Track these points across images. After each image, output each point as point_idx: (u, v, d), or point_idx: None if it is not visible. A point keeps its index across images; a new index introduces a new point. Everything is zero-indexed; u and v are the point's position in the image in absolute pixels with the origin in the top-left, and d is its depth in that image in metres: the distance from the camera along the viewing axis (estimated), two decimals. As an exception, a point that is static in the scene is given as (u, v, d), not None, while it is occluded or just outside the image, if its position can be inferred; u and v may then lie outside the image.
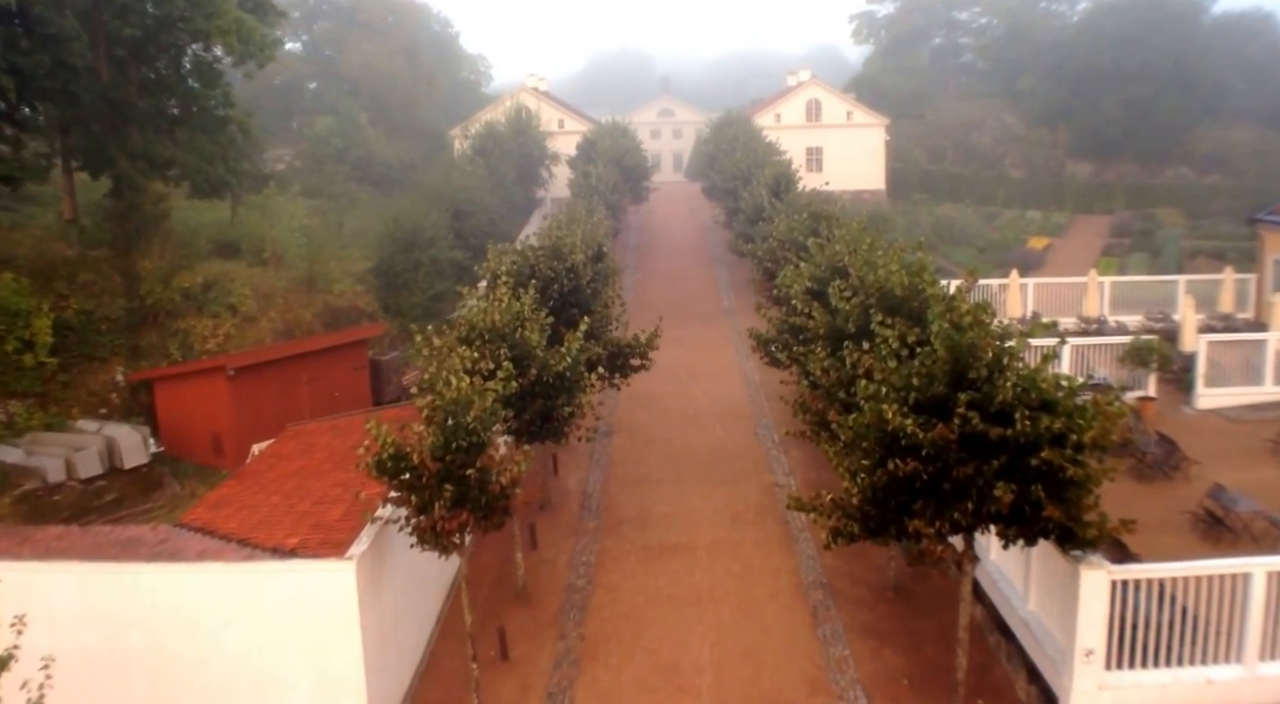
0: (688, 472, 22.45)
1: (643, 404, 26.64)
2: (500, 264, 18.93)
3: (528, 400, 15.65)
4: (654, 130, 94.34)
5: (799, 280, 19.09)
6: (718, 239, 48.80)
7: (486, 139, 48.02)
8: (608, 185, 40.57)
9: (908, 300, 15.46)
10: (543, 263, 18.87)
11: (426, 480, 12.60)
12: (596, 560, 18.46)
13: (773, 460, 23.15)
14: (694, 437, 24.73)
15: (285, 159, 50.41)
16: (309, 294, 30.32)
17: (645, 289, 42.30)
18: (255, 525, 15.46)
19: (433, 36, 76.86)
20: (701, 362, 31.59)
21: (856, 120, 63.49)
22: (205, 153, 28.32)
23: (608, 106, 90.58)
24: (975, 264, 47.79)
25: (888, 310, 15.36)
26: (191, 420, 23.87)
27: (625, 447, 24.28)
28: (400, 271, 32.44)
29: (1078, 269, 48.50)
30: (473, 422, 12.73)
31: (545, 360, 15.59)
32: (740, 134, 48.93)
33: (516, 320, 15.63)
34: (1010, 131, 74.50)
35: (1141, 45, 71.28)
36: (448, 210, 35.89)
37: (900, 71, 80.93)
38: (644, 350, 19.64)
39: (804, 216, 22.98)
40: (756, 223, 31.00)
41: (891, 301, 15.47)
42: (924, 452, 11.71)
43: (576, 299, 19.01)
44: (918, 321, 15.20)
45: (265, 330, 28.06)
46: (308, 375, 24.38)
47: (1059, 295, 34.64)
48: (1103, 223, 61.67)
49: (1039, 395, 11.73)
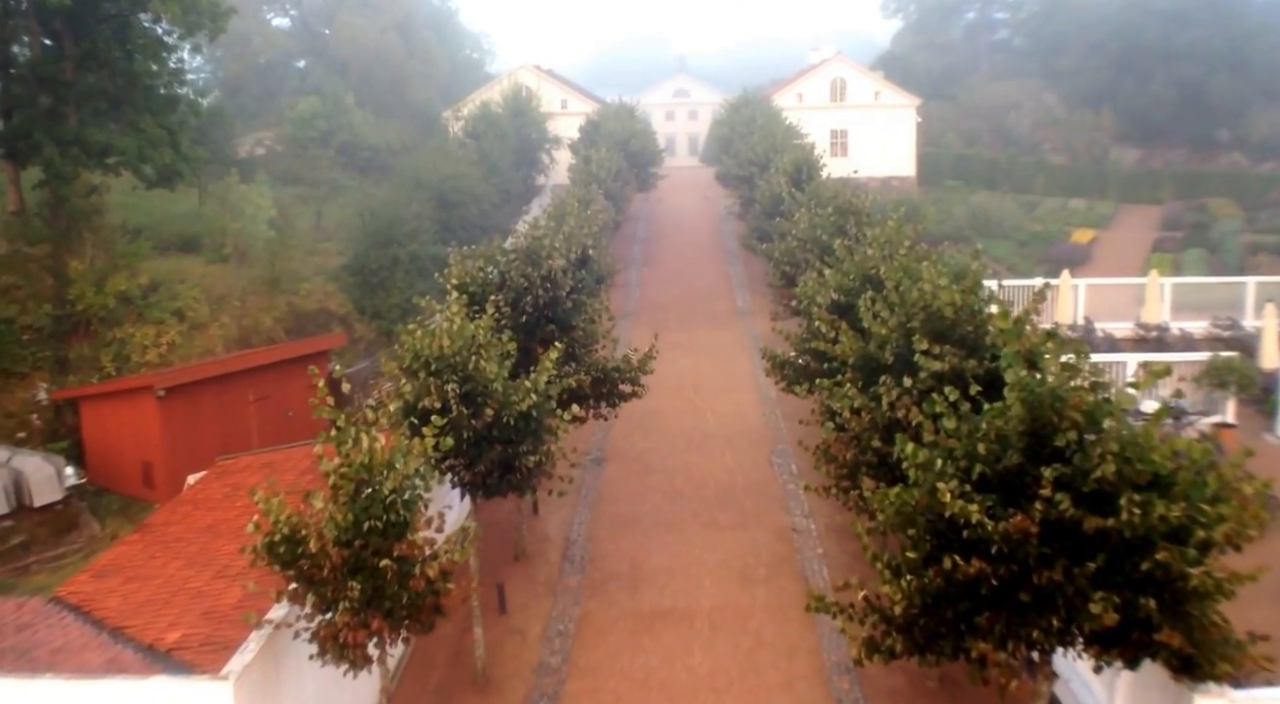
0: (690, 512, 19.22)
1: (642, 424, 23.42)
2: (464, 272, 15.73)
3: (483, 446, 12.45)
4: (668, 111, 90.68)
5: (823, 291, 15.78)
6: (732, 230, 45.39)
7: (480, 121, 44.57)
8: (610, 172, 37.12)
9: (960, 323, 12.16)
10: (514, 270, 15.64)
11: (329, 573, 9.49)
12: (576, 630, 15.31)
13: (789, 496, 19.87)
14: (699, 466, 21.46)
15: (265, 143, 47.22)
16: (271, 295, 27.20)
17: (651, 285, 38.99)
18: (139, 606, 12.40)
19: (431, 12, 73.31)
20: (710, 371, 28.27)
21: (885, 100, 59.49)
22: (151, 137, 25.14)
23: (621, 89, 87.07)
24: (1014, 259, 44.22)
25: (934, 335, 12.08)
26: (119, 447, 20.84)
27: (619, 478, 21.05)
28: (376, 269, 29.26)
29: (1127, 266, 44.79)
30: (390, 494, 9.58)
31: (505, 397, 12.37)
32: (758, 115, 45.24)
33: (470, 347, 12.41)
34: (1050, 114, 70.26)
35: (1192, 22, 66.82)
36: (432, 200, 32.67)
37: (931, 49, 76.78)
38: (635, 375, 16.36)
39: (829, 212, 19.60)
40: (774, 216, 27.54)
41: (939, 324, 12.17)
42: (994, 548, 8.57)
43: (554, 313, 15.78)
44: (972, 351, 11.97)
45: (216, 338, 24.96)
46: (255, 393, 21.30)
47: (1114, 298, 31.15)
48: (1151, 214, 57.63)
49: (1149, 469, 8.54)
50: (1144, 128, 68.79)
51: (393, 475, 9.58)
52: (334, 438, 9.73)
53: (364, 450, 9.56)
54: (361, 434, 9.61)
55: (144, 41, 25.40)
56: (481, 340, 12.69)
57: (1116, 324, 29.63)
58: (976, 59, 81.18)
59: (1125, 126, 69.32)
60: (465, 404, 12.09)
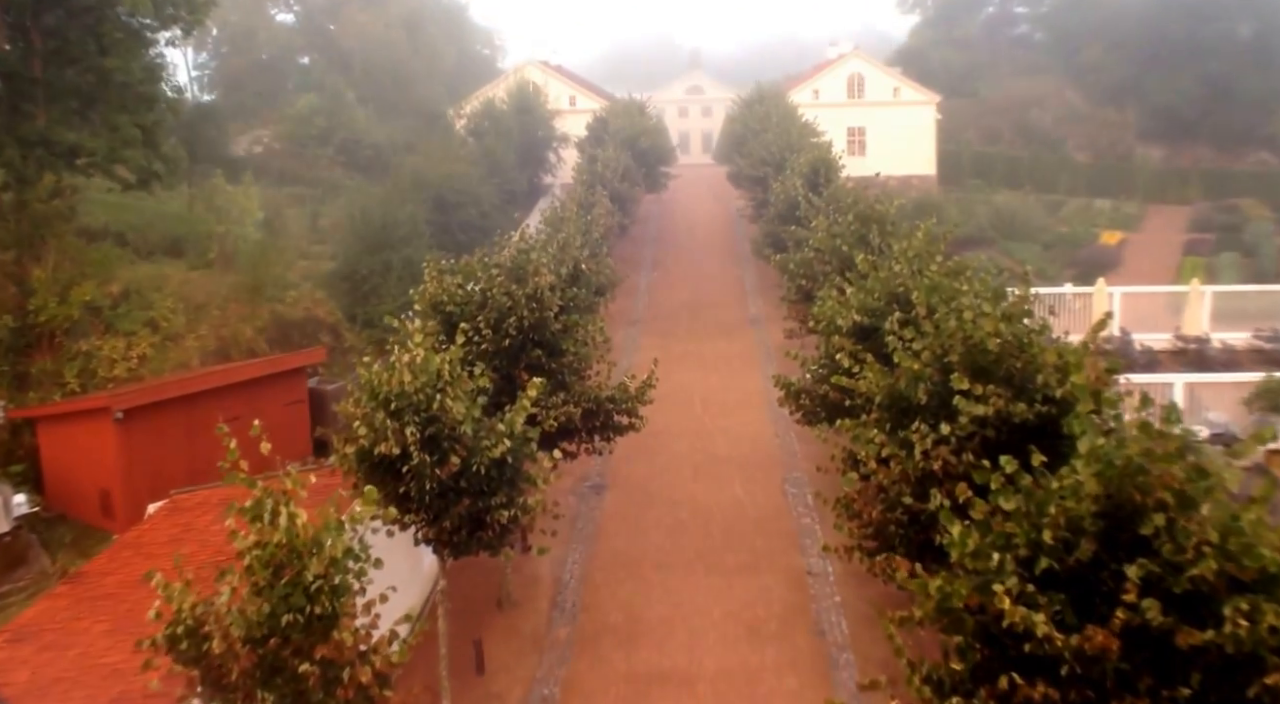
0: (695, 550, 17.44)
1: (645, 446, 21.57)
2: (440, 289, 13.98)
3: (449, 498, 10.70)
4: (682, 108, 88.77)
5: (843, 312, 13.96)
6: (745, 231, 43.51)
7: (483, 118, 42.83)
8: (616, 172, 35.28)
9: (1006, 357, 10.37)
10: (496, 288, 13.87)
11: (238, 678, 7.77)
12: (561, 697, 13.57)
13: (804, 532, 18.08)
14: (706, 496, 19.67)
15: (264, 141, 45.60)
16: (254, 303, 25.50)
17: (661, 290, 37.20)
18: (48, 684, 10.73)
19: (440, 7, 71.51)
20: (720, 386, 26.46)
21: (904, 97, 57.32)
22: (125, 136, 23.50)
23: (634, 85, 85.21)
24: (1040, 263, 42.13)
25: (975, 372, 10.30)
26: (77, 472, 19.17)
27: (619, 510, 19.29)
28: (367, 275, 27.54)
29: (1159, 271, 42.61)
30: (316, 581, 7.84)
31: (475, 441, 10.61)
32: (772, 112, 43.23)
33: (435, 383, 10.66)
34: (1073, 110, 67.88)
35: (1219, 14, 64.32)
36: (428, 201, 30.93)
37: (949, 44, 74.46)
38: (632, 405, 14.57)
39: (849, 220, 17.74)
40: (789, 222, 25.63)
41: (981, 358, 10.38)
42: (1064, 668, 6.84)
43: (541, 337, 14.01)
44: (1020, 391, 10.19)
45: (192, 351, 23.27)
46: (226, 414, 19.51)
47: (1149, 307, 29.17)
48: (1179, 214, 55.35)
49: (1256, 566, 6.79)
50: (1170, 125, 66.35)
51: (319, 558, 7.84)
52: (248, 510, 8.02)
53: (281, 528, 7.83)
54: (280, 506, 7.88)
55: (119, 35, 23.73)
56: (448, 375, 10.94)
57: (1153, 336, 27.69)
58: (996, 54, 78.80)
59: (1150, 123, 66.91)
60: (428, 450, 10.36)
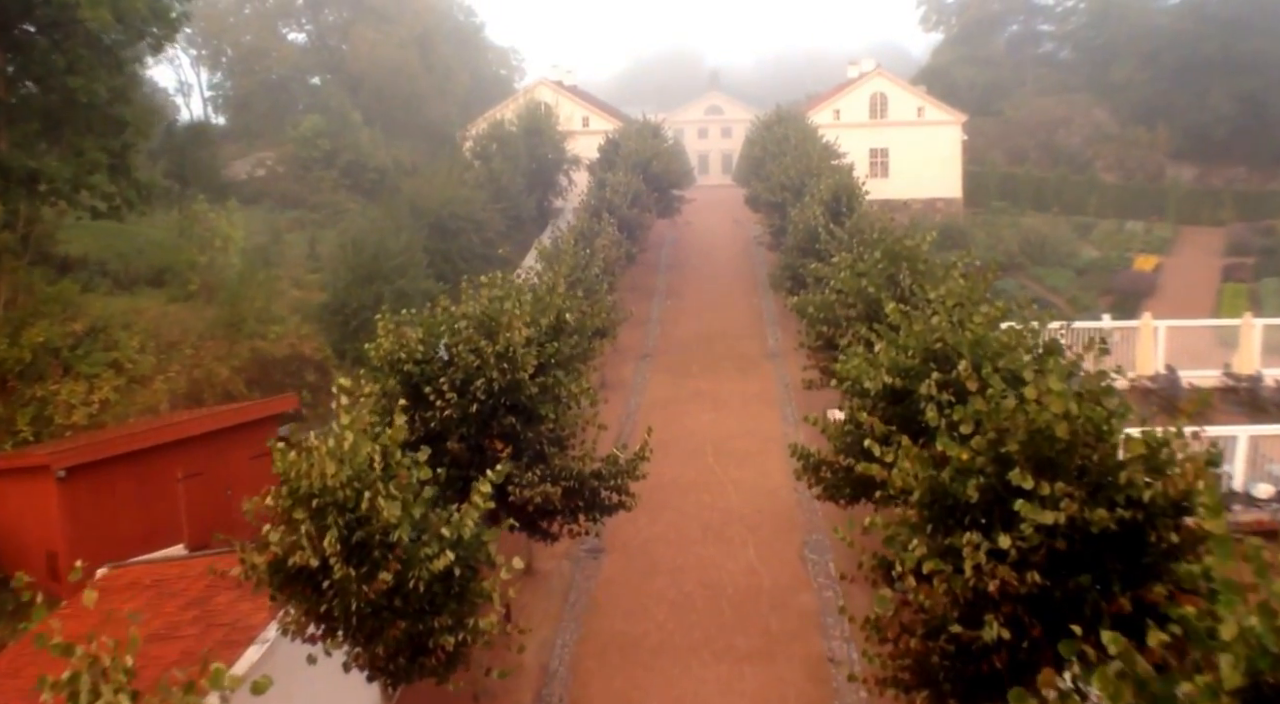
0: (701, 631, 15.41)
1: (651, 501, 19.57)
2: (396, 346, 12.08)
3: (383, 618, 8.71)
4: (701, 129, 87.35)
5: (872, 374, 11.97)
6: (765, 257, 41.57)
7: (490, 140, 41.16)
8: (626, 197, 33.45)
9: (1079, 448, 8.35)
10: (462, 344, 11.97)
11: None
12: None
13: (825, 609, 16.01)
14: (715, 563, 17.64)
15: (267, 163, 44.12)
16: (232, 340, 23.77)
17: (673, 321, 35.30)
18: None
19: (455, 27, 70.20)
20: (734, 430, 24.47)
21: (929, 117, 55.30)
22: (92, 162, 21.90)
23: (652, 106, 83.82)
24: (1074, 290, 39.94)
25: (1040, 465, 8.30)
26: (21, 532, 17.48)
27: (618, 578, 17.30)
28: (357, 308, 25.77)
29: (1197, 298, 40.38)
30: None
31: (413, 550, 8.65)
32: (791, 133, 41.31)
33: (365, 477, 8.68)
34: (1101, 130, 65.73)
35: (1254, 30, 62.18)
36: (426, 228, 29.20)
37: (973, 63, 72.50)
38: (622, 482, 12.58)
39: (876, 257, 15.75)
40: (808, 254, 23.64)
41: (1047, 448, 8.36)
42: None
43: (515, 401, 12.09)
44: (1096, 489, 8.18)
45: (161, 394, 21.51)
46: (185, 469, 17.79)
47: (1198, 340, 26.98)
48: (1214, 237, 53.06)
49: None
50: (1202, 144, 64.26)
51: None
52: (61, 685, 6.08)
53: None
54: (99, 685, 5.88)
55: (85, 53, 22.15)
56: (380, 467, 8.93)
57: (1201, 372, 25.52)
58: (1021, 73, 76.83)
59: (1182, 143, 64.84)
60: (354, 561, 8.43)
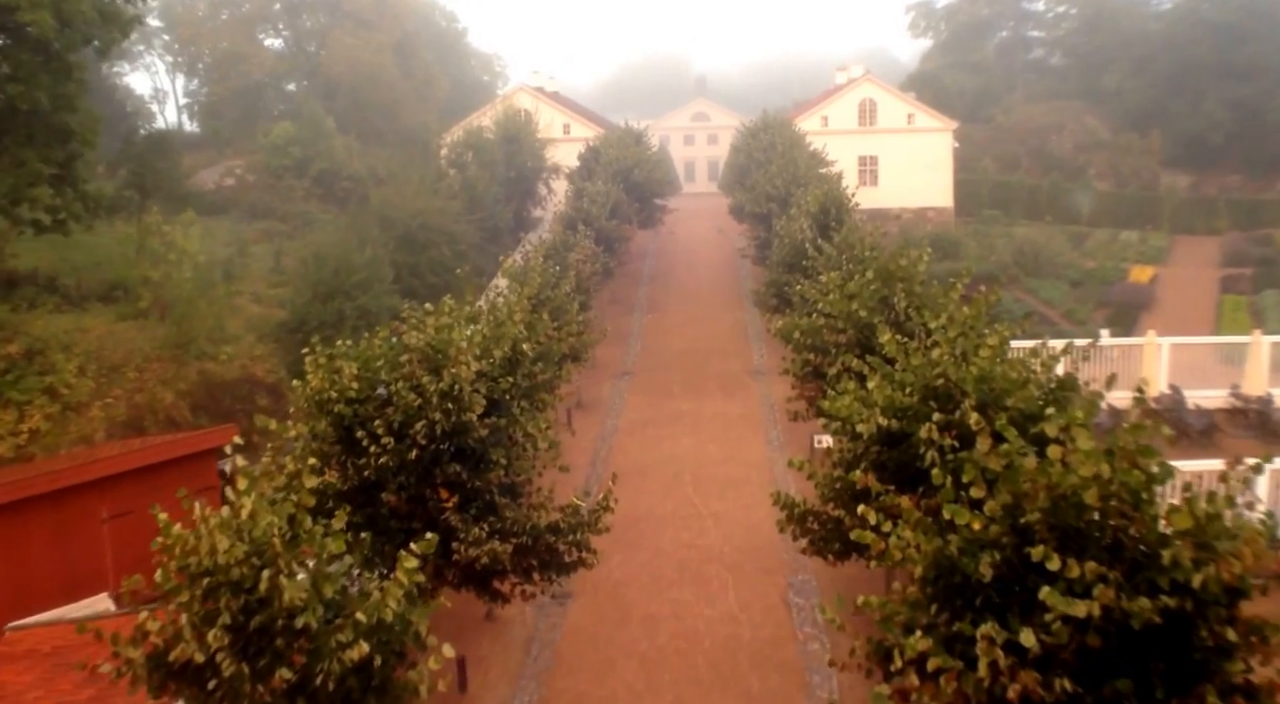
0: (675, 692, 13.85)
1: (624, 538, 18.17)
2: (327, 384, 10.63)
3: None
4: (687, 136, 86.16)
5: (864, 415, 10.56)
6: (750, 269, 40.24)
7: (466, 148, 39.70)
8: (605, 208, 32.01)
9: (1114, 519, 6.98)
10: (402, 382, 10.53)
11: None
12: None
13: (812, 664, 14.53)
14: (692, 611, 16.14)
15: (236, 171, 42.57)
16: (180, 362, 22.26)
17: (655, 336, 33.89)
18: None
19: (436, 32, 68.76)
20: (716, 456, 23.01)
21: (919, 124, 54.08)
22: (32, 173, 20.41)
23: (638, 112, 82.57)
24: (1069, 303, 38.70)
25: (1066, 538, 6.97)
26: (-70, 581, 15.96)
27: (585, 627, 15.79)
28: (317, 327, 24.27)
29: (1196, 311, 39.18)
30: None
31: (323, 638, 7.22)
32: (778, 141, 39.95)
33: (263, 552, 7.27)
34: (1093, 137, 64.68)
35: (1249, 35, 61.37)
36: (391, 241, 27.74)
37: (963, 68, 71.46)
38: (582, 536, 11.13)
39: (868, 278, 14.33)
40: (795, 271, 22.20)
41: (1074, 518, 6.99)
42: None
43: (461, 446, 10.66)
44: (1134, 570, 6.84)
45: (98, 421, 19.97)
46: (109, 509, 16.35)
47: (1203, 358, 25.69)
48: (1209, 246, 51.96)
49: None
50: (1196, 151, 63.37)
51: None
52: None
53: None
54: None
55: (25, 58, 20.68)
56: (283, 542, 7.45)
57: (1207, 393, 24.29)
58: (1012, 79, 75.91)
59: (1175, 150, 63.93)
60: (250, 654, 7.01)
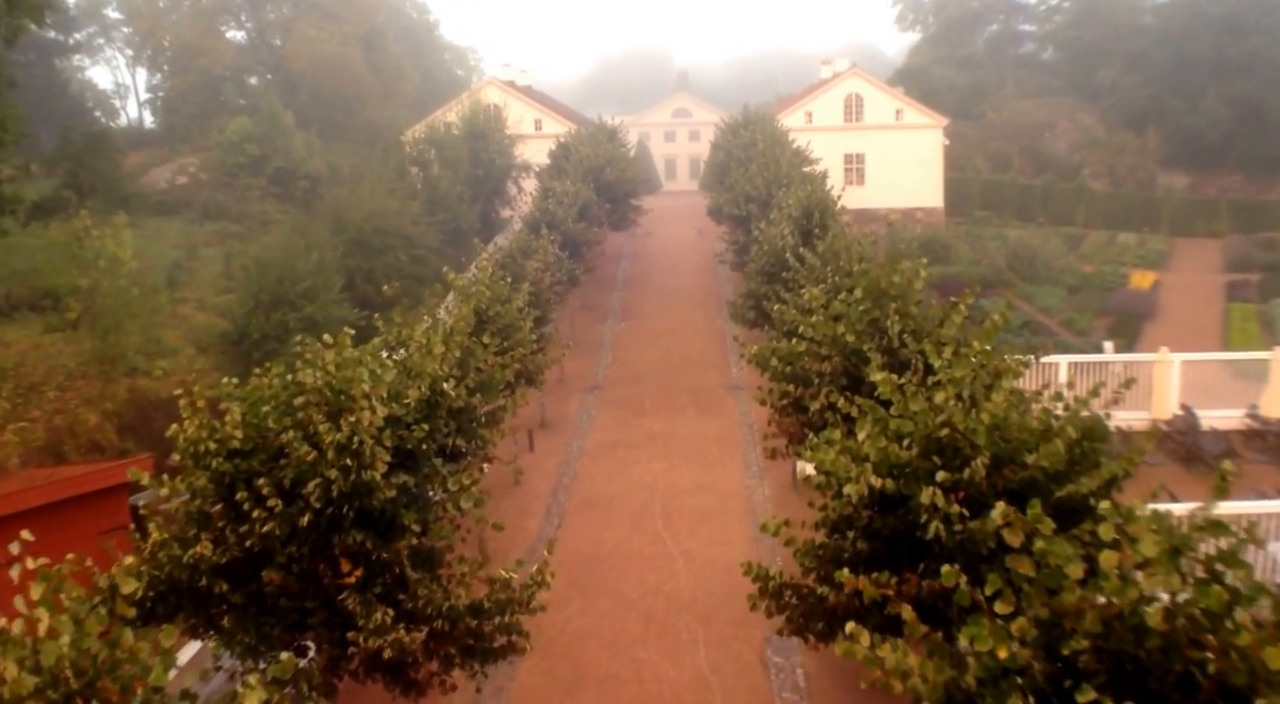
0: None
1: (582, 583, 16.22)
2: (204, 433, 8.70)
3: None
4: (668, 132, 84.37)
5: (853, 473, 8.62)
6: (729, 274, 38.32)
7: (428, 145, 37.63)
8: (572, 209, 29.98)
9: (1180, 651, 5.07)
10: (294, 433, 8.56)
11: None
12: None
13: (794, 739, 12.68)
14: (657, 671, 14.10)
15: (190, 169, 40.42)
16: (109, 378, 20.24)
17: (628, 346, 31.92)
18: None
19: (406, 24, 66.61)
20: (689, 484, 20.89)
21: (908, 120, 52.19)
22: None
23: (618, 108, 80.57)
24: (1068, 311, 36.90)
25: (1118, 665, 5.07)
26: None
27: (534, 693, 13.68)
28: (260, 340, 22.25)
29: (1201, 320, 37.43)
30: None
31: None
32: (759, 137, 37.97)
33: (61, 682, 5.35)
34: (1088, 135, 63.06)
35: (1249, 29, 59.85)
36: (343, 245, 25.74)
37: (952, 63, 69.79)
38: (511, 622, 9.14)
39: (856, 297, 12.36)
40: (775, 282, 20.20)
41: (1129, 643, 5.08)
42: None
43: (364, 508, 8.68)
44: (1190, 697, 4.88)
45: (11, 447, 17.89)
46: (5, 554, 14.21)
47: (1217, 376, 23.89)
48: (1210, 249, 50.36)
49: None
50: (1195, 150, 61.82)
51: None
52: None
53: None
54: None
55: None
56: (125, 647, 5.65)
57: (1222, 413, 22.54)
58: (1002, 74, 74.25)
59: (1174, 149, 62.36)
60: None
